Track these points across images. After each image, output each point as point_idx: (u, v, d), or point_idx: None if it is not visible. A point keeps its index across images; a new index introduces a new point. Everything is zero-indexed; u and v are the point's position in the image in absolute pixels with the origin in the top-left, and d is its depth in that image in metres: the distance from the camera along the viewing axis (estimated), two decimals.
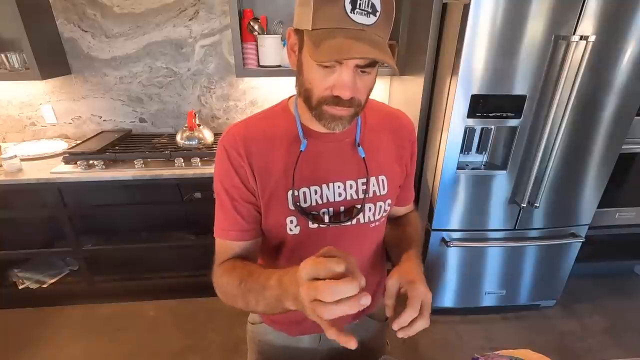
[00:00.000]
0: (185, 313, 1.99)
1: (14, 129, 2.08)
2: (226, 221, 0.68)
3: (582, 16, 1.30)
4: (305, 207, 0.67)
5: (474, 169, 1.61)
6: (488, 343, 1.83)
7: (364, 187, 0.70)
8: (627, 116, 1.51)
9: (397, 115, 0.78)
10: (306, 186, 0.67)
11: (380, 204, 0.73)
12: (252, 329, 0.90)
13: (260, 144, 0.66)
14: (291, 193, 0.66)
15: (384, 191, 0.72)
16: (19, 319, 1.94)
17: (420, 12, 1.57)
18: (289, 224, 0.68)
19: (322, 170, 0.68)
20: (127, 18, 1.86)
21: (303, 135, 0.67)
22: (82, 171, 1.66)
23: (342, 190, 0.69)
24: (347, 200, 0.70)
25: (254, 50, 1.76)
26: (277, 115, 0.70)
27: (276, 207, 0.67)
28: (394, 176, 0.75)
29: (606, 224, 1.99)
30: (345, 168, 0.69)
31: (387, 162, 0.74)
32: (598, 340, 1.85)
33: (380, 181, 0.72)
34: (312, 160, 0.67)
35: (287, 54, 0.62)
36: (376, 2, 0.51)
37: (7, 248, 1.89)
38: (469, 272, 1.85)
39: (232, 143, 0.66)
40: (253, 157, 0.65)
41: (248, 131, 0.67)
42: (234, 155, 0.65)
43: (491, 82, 1.39)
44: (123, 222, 2.26)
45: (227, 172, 0.66)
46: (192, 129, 1.83)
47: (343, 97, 0.55)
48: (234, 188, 0.66)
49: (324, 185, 0.68)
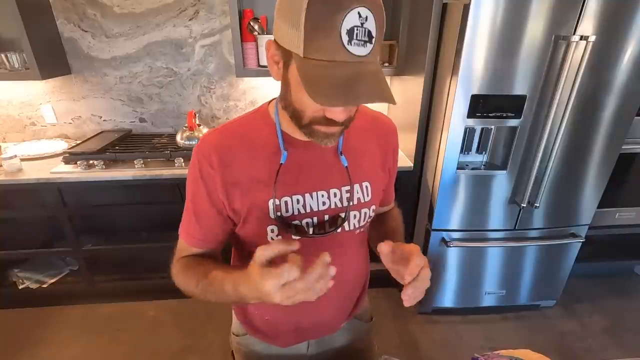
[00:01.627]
0: (185, 313, 1.98)
1: (14, 128, 2.08)
2: (187, 225, 0.70)
3: (582, 16, 1.30)
4: (287, 216, 0.66)
5: (474, 169, 1.61)
6: (488, 343, 1.83)
7: (348, 195, 0.69)
8: (627, 116, 1.51)
9: (382, 120, 0.76)
10: (288, 195, 0.65)
11: (365, 211, 0.71)
12: (237, 340, 0.88)
13: (237, 152, 0.64)
14: (272, 202, 0.64)
15: (368, 197, 0.71)
16: (19, 319, 1.94)
17: (420, 12, 1.57)
18: (270, 232, 0.66)
19: (305, 180, 0.66)
20: (127, 18, 1.86)
21: (284, 147, 0.64)
22: (82, 171, 1.66)
23: (326, 199, 0.68)
24: (332, 209, 0.68)
25: (254, 50, 1.76)
26: (256, 121, 0.67)
27: (256, 217, 0.65)
28: (378, 181, 0.73)
29: (606, 224, 1.99)
30: (328, 177, 0.68)
31: (371, 167, 0.73)
32: (598, 340, 1.85)
33: (365, 187, 0.71)
34: (294, 170, 0.65)
35: (269, 65, 0.58)
36: (372, 28, 0.48)
37: (7, 248, 1.89)
38: (469, 272, 1.85)
39: (205, 154, 0.63)
40: (228, 168, 0.63)
41: (224, 139, 0.65)
42: (206, 167, 0.63)
43: (491, 82, 1.39)
44: (123, 222, 2.26)
45: (196, 183, 0.65)
46: (192, 128, 1.83)
47: (337, 120, 0.54)
48: (199, 200, 0.66)
49: (307, 195, 0.66)
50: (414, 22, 1.69)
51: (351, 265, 0.78)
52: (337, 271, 0.71)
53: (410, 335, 1.87)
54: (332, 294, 0.74)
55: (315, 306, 0.73)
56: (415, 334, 1.87)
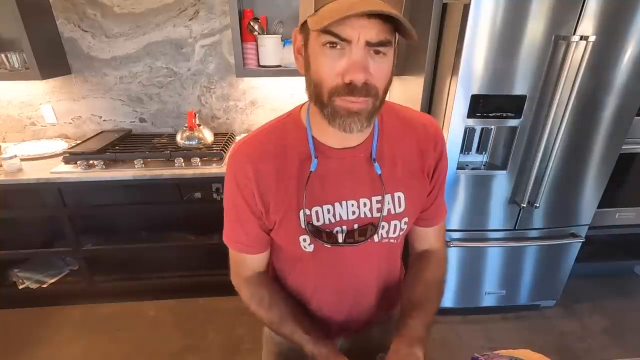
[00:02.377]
0: (185, 313, 1.98)
1: (14, 128, 2.08)
2: (233, 233, 0.71)
3: (582, 16, 1.30)
4: (318, 225, 0.66)
5: (474, 169, 1.61)
6: (488, 343, 1.83)
7: (378, 206, 0.66)
8: (627, 116, 1.51)
9: (422, 123, 0.69)
10: (318, 205, 0.65)
11: (396, 222, 0.68)
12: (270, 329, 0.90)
13: (269, 163, 0.64)
14: (303, 212, 0.64)
15: (400, 209, 0.68)
16: (19, 318, 1.94)
17: (420, 12, 1.57)
18: (302, 242, 0.66)
19: (335, 189, 0.65)
20: (127, 18, 1.86)
21: (314, 154, 0.63)
22: (82, 171, 1.66)
23: (355, 208, 0.66)
24: (361, 218, 0.67)
25: (254, 50, 1.76)
26: (287, 127, 0.66)
27: (288, 226, 0.66)
28: (413, 192, 0.69)
29: (606, 224, 1.99)
30: (359, 186, 0.65)
31: (406, 176, 0.68)
32: (598, 340, 1.85)
33: (397, 198, 0.67)
34: (324, 179, 0.64)
35: (295, 58, 0.59)
36: None
37: (7, 248, 1.89)
38: (469, 272, 1.85)
39: (240, 165, 0.64)
40: (262, 179, 0.63)
41: (258, 150, 0.64)
42: (242, 176, 0.64)
43: (491, 82, 1.39)
44: (123, 222, 2.27)
45: (234, 192, 0.66)
46: (192, 128, 1.83)
47: (356, 80, 0.50)
48: (240, 208, 0.67)
49: (337, 204, 0.65)
50: (414, 22, 1.68)
51: (380, 276, 0.77)
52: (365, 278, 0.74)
53: None
54: (360, 301, 0.78)
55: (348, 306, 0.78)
56: None
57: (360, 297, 0.78)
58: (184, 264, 2.09)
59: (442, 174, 0.72)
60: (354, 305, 0.78)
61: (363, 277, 0.74)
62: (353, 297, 0.77)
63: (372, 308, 0.80)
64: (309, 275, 0.74)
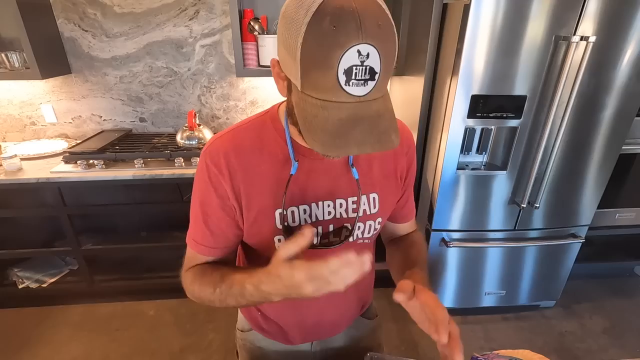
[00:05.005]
0: (185, 313, 1.98)
1: (14, 128, 2.08)
2: (196, 233, 0.67)
3: (583, 17, 1.30)
4: (293, 226, 0.65)
5: (474, 169, 1.60)
6: (488, 343, 1.83)
7: (354, 206, 0.67)
8: (627, 117, 1.51)
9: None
10: (295, 205, 0.64)
11: (370, 223, 0.69)
12: (242, 336, 0.88)
13: (245, 159, 0.62)
14: (279, 212, 0.63)
15: (374, 209, 0.69)
16: (18, 318, 1.94)
17: (421, 12, 1.57)
18: (277, 242, 0.65)
19: (312, 190, 0.65)
20: (127, 18, 1.86)
21: (294, 157, 0.62)
22: (82, 171, 1.66)
23: (331, 208, 0.66)
24: (337, 219, 0.67)
25: (254, 50, 1.76)
26: (266, 126, 0.64)
27: (263, 225, 0.64)
28: (387, 192, 0.71)
29: (606, 224, 1.99)
30: (337, 187, 0.66)
31: (381, 178, 0.69)
32: (598, 340, 1.85)
33: (372, 199, 0.68)
34: (303, 180, 0.64)
35: (275, 80, 0.55)
36: (375, 65, 0.44)
37: (7, 247, 1.89)
38: (468, 272, 1.85)
39: (214, 159, 0.61)
40: (237, 175, 0.61)
41: (233, 145, 0.62)
42: (214, 172, 0.61)
43: (491, 83, 1.39)
44: (123, 221, 2.27)
45: (205, 187, 0.63)
46: (192, 128, 1.83)
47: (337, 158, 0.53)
48: (208, 205, 0.64)
49: (313, 204, 0.65)
50: (414, 22, 1.69)
51: None
52: None
53: (410, 335, 1.87)
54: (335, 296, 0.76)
55: (318, 308, 0.75)
56: (415, 334, 1.87)
57: (334, 299, 0.73)
58: None
59: (413, 175, 0.75)
60: (327, 307, 0.76)
61: None
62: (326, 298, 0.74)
63: (345, 308, 0.81)
64: None
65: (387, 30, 0.45)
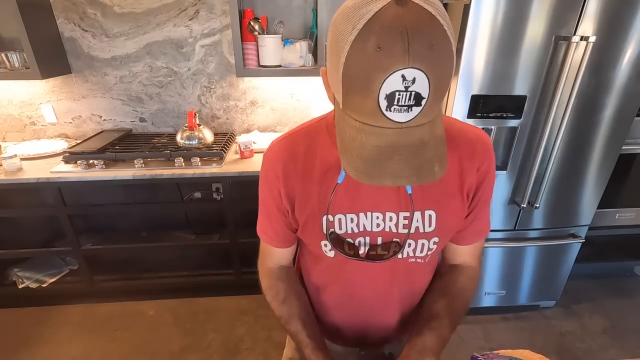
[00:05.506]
0: (185, 313, 1.98)
1: (14, 128, 2.08)
2: (262, 224, 0.73)
3: (583, 17, 1.30)
4: (340, 234, 0.65)
5: None
6: (488, 343, 1.83)
7: (405, 222, 0.63)
8: (627, 117, 1.51)
9: (468, 139, 0.63)
10: (342, 213, 0.63)
11: (424, 242, 0.64)
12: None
13: (299, 165, 0.64)
14: (326, 219, 0.63)
15: (430, 228, 0.63)
16: (18, 318, 1.94)
17: None
18: (324, 247, 0.67)
19: (361, 200, 0.63)
20: (127, 17, 1.86)
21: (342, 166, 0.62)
22: (82, 171, 1.66)
23: (380, 220, 0.63)
24: (385, 232, 0.64)
25: (254, 50, 1.76)
26: (320, 132, 0.64)
27: (312, 230, 0.66)
28: (447, 211, 0.64)
29: (606, 224, 1.99)
30: (387, 200, 0.62)
31: (441, 194, 0.62)
32: (598, 341, 1.85)
33: (427, 217, 0.63)
34: (351, 189, 0.62)
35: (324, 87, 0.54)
36: (422, 89, 0.40)
37: (7, 247, 1.90)
38: None
39: (271, 163, 0.65)
40: (290, 180, 0.64)
41: (290, 151, 0.64)
42: (271, 175, 0.65)
43: (491, 83, 1.39)
44: (123, 221, 2.27)
45: (264, 187, 0.68)
46: (192, 128, 1.83)
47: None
48: (268, 200, 0.69)
49: (361, 214, 0.63)
50: None
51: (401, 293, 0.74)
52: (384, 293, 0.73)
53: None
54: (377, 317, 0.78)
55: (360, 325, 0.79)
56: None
57: (378, 313, 0.77)
58: (184, 264, 2.09)
59: (486, 194, 0.66)
60: (370, 318, 0.77)
61: (382, 293, 0.73)
62: (370, 310, 0.76)
63: (390, 325, 0.79)
64: (329, 277, 0.75)
65: (442, 52, 0.41)
